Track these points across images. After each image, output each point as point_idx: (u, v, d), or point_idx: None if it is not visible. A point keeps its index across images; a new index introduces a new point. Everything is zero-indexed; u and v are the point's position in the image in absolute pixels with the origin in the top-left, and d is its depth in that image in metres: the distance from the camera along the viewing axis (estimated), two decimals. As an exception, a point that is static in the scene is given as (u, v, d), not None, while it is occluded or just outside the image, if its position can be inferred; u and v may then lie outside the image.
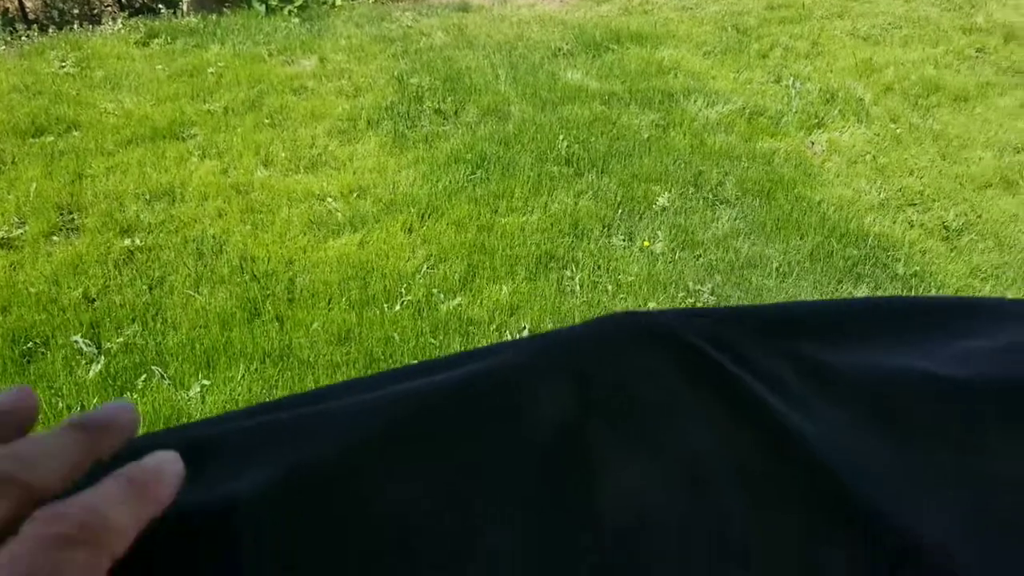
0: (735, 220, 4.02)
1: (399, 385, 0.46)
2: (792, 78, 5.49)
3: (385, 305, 3.31)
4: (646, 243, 3.77)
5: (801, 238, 3.89)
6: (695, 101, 5.14)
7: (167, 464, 0.37)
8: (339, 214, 3.87)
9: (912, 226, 4.05)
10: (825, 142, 4.79)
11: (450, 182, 4.16)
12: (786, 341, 0.52)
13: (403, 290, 3.39)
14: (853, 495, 0.44)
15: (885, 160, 4.62)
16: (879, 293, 3.57)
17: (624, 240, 3.80)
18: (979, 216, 4.14)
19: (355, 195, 4.04)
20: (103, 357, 3.04)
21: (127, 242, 3.65)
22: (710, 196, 4.21)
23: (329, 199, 3.99)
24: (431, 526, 0.40)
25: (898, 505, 0.43)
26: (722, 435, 0.46)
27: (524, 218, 3.91)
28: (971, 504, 0.45)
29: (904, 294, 3.55)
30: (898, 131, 4.93)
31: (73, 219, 3.82)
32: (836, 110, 5.10)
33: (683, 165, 4.45)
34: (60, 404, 2.82)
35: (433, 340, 3.13)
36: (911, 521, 0.42)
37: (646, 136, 4.72)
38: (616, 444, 0.44)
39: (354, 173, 4.23)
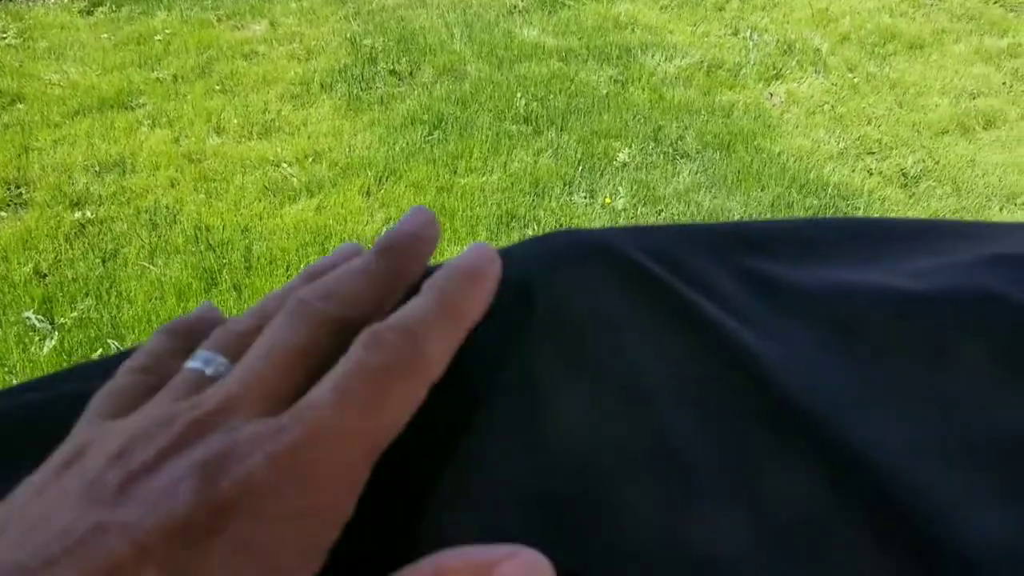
0: (696, 174, 4.00)
1: None
2: (749, 30, 5.46)
3: (345, 270, 3.26)
4: (607, 200, 3.75)
5: (762, 190, 3.89)
6: (653, 56, 5.10)
7: (485, 268, 0.36)
8: (295, 180, 3.81)
9: (871, 174, 4.06)
10: (784, 93, 4.79)
11: (407, 144, 4.10)
12: (739, 258, 0.49)
13: (362, 254, 3.33)
14: (808, 414, 0.41)
15: (843, 109, 4.63)
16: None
17: (585, 197, 3.77)
18: (936, 162, 4.16)
19: (310, 160, 3.97)
20: (57, 332, 2.97)
21: (78, 215, 3.56)
22: (670, 151, 4.18)
23: (284, 165, 3.92)
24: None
25: (854, 423, 0.41)
26: (671, 356, 0.43)
27: (484, 178, 3.86)
28: (932, 421, 0.42)
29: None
30: (855, 80, 4.93)
31: (21, 193, 3.72)
32: (794, 61, 5.09)
33: (642, 120, 4.42)
34: (13, 381, 2.76)
35: (394, 303, 3.09)
36: (867, 437, 0.40)
37: (604, 92, 4.68)
38: (558, 365, 0.41)
39: (309, 138, 4.15)
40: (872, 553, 0.37)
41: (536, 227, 3.53)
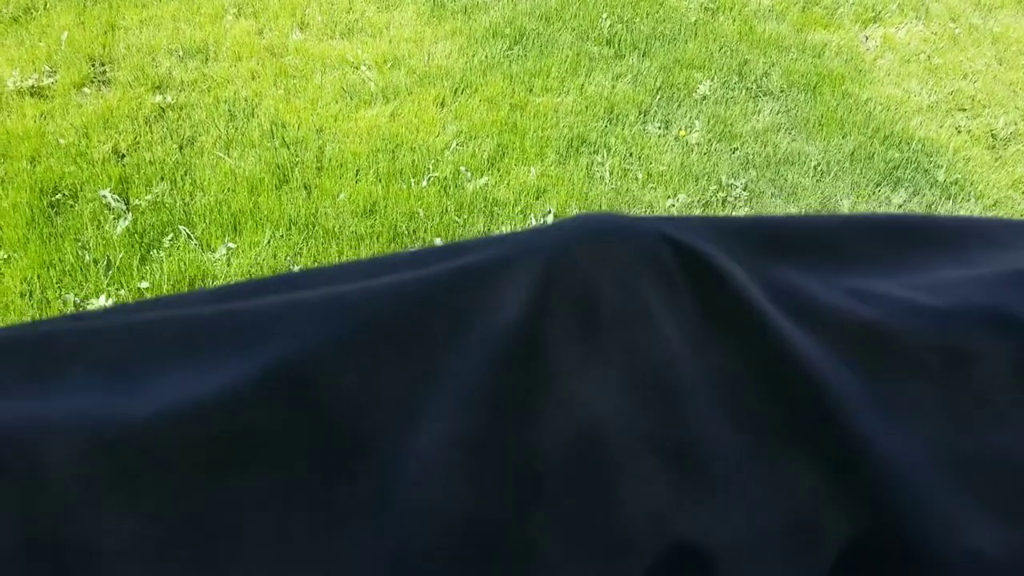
0: (777, 114, 3.90)
1: (367, 281, 0.46)
2: (852, -34, 5.23)
3: (412, 180, 3.29)
4: (682, 132, 3.69)
5: (843, 137, 3.79)
6: (748, -15, 4.93)
7: None
8: (372, 84, 3.81)
9: (959, 132, 3.91)
10: (880, 38, 4.60)
11: (486, 57, 4.06)
12: (764, 260, 0.50)
13: (431, 166, 3.35)
14: (827, 423, 0.43)
15: (940, 61, 4.44)
16: (917, 199, 3.49)
17: (660, 128, 3.72)
18: (1031, 126, 4.00)
19: (389, 65, 3.96)
20: (131, 213, 3.06)
21: (159, 99, 3.62)
22: (753, 87, 4.08)
23: (363, 67, 3.92)
24: (382, 421, 0.40)
25: (869, 434, 0.42)
26: (706, 348, 0.45)
27: (559, 99, 3.82)
28: (942, 436, 0.44)
29: (943, 202, 3.47)
30: (956, 31, 4.71)
31: (105, 72, 3.79)
32: (895, 4, 4.88)
33: (729, 52, 4.30)
34: (87, 257, 2.87)
35: (457, 218, 3.11)
36: (879, 449, 0.42)
37: (693, 19, 4.55)
38: (579, 347, 0.43)
39: (390, 42, 4.13)
40: (864, 560, 0.40)
41: (606, 153, 3.50)
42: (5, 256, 2.85)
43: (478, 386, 0.42)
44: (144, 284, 2.80)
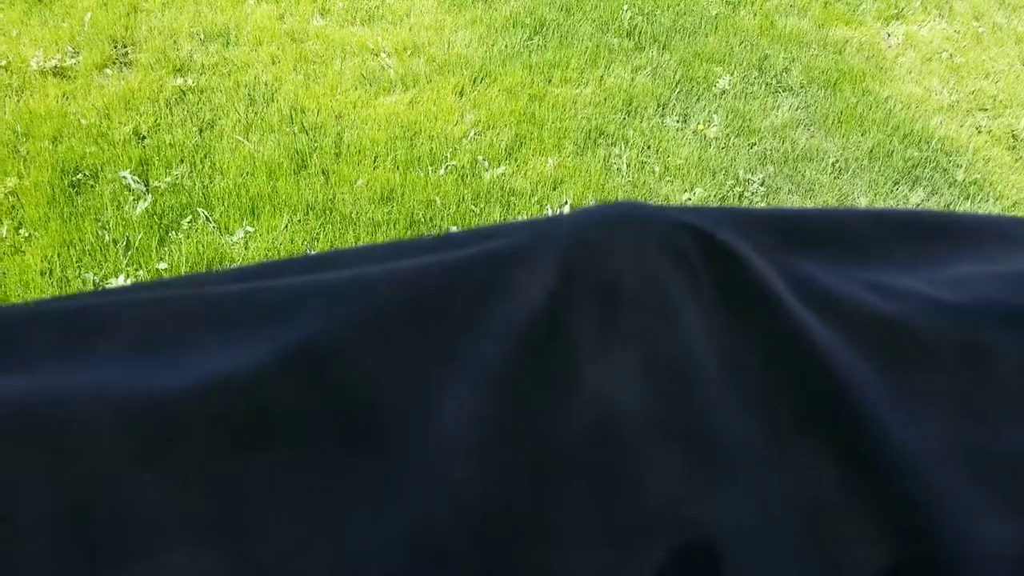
0: (796, 110, 3.89)
1: (390, 263, 0.46)
2: (876, -38, 5.19)
3: (430, 168, 3.30)
4: (700, 126, 3.68)
5: (863, 134, 3.77)
6: (770, -20, 4.91)
7: None
8: (391, 71, 3.81)
9: (979, 132, 3.89)
10: (902, 35, 4.58)
11: (506, 46, 4.06)
12: (785, 252, 0.51)
13: (448, 154, 3.36)
14: (843, 412, 0.43)
15: (962, 60, 4.41)
16: (935, 199, 3.47)
17: (678, 121, 3.71)
18: (1052, 127, 3.97)
19: (409, 52, 3.96)
20: (150, 195, 3.08)
21: (179, 81, 3.64)
22: (773, 82, 4.07)
23: (383, 54, 3.92)
24: (402, 401, 0.41)
25: (885, 426, 0.43)
26: (725, 337, 0.45)
27: (577, 90, 3.82)
28: (957, 431, 0.44)
29: (961, 202, 3.46)
30: (980, 30, 4.68)
31: (127, 53, 3.81)
32: (918, 2, 4.85)
33: (749, 47, 4.29)
34: (107, 237, 2.89)
35: (474, 207, 3.12)
36: (894, 441, 0.42)
37: (714, 13, 4.54)
38: (599, 334, 0.43)
39: (410, 29, 4.14)
40: (877, 550, 0.40)
41: (623, 146, 3.50)
42: (26, 234, 2.88)
43: (499, 370, 0.42)
44: (162, 265, 2.82)
